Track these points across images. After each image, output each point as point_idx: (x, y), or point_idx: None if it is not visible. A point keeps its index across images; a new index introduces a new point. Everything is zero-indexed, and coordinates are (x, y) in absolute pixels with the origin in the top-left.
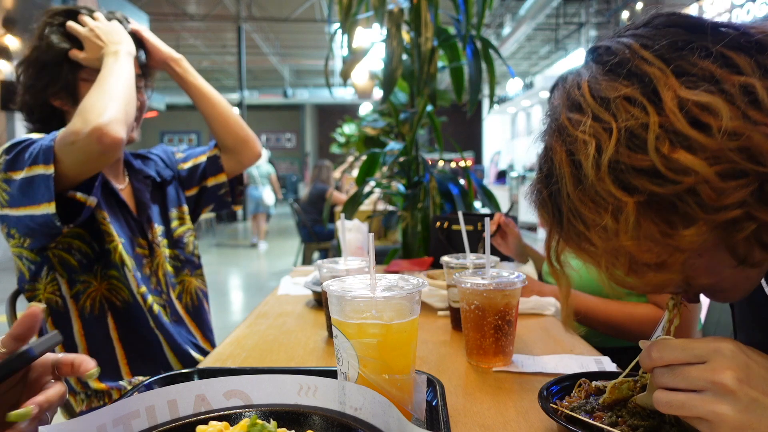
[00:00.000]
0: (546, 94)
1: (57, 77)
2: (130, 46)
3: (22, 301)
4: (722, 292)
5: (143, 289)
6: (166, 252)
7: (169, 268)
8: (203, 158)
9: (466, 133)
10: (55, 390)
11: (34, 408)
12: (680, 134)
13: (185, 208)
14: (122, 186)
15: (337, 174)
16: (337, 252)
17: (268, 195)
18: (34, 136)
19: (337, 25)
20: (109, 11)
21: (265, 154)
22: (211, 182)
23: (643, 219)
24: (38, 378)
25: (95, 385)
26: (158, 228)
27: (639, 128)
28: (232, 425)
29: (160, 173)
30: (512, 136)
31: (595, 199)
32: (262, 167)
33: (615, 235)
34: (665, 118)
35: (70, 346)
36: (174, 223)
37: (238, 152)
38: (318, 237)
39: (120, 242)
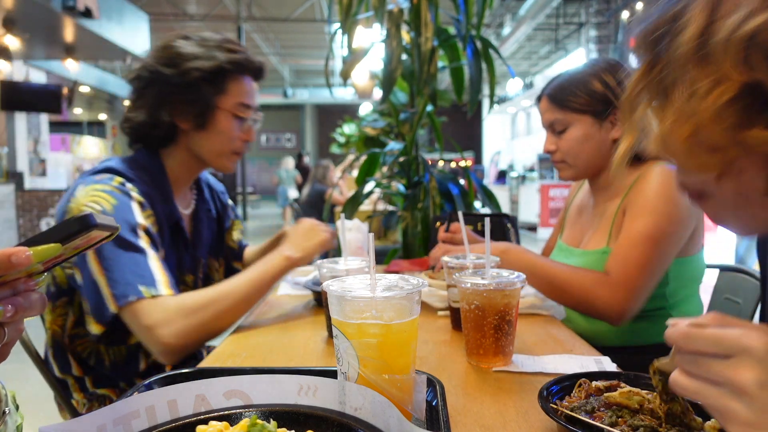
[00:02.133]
0: None
1: (193, 98)
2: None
3: None
4: (734, 218)
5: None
6: None
7: None
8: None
9: (466, 133)
10: (36, 295)
11: (8, 308)
12: None
13: (222, 260)
14: (187, 211)
15: (337, 172)
16: (337, 252)
17: (293, 193)
18: (118, 190)
19: (337, 25)
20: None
21: (291, 160)
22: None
23: (734, 101)
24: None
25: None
26: (214, 262)
27: None
28: (232, 425)
29: (220, 215)
30: (512, 136)
31: (708, 59)
32: (290, 171)
33: (699, 100)
34: None
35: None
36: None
37: None
38: None
39: None
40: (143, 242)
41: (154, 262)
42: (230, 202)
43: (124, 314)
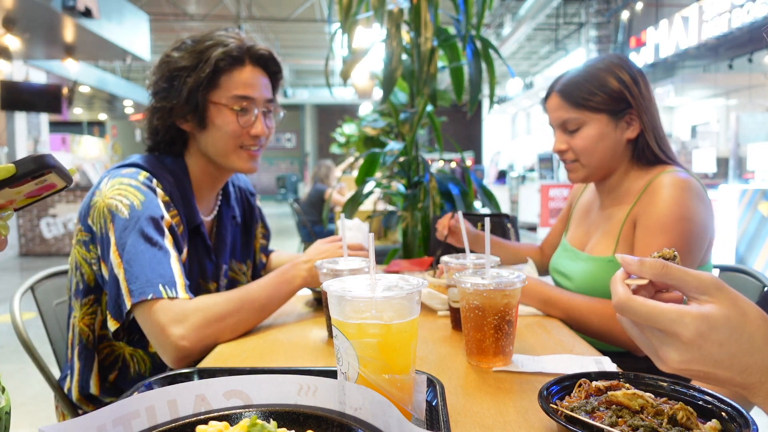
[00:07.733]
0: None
1: (186, 99)
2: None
3: (27, 299)
4: None
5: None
6: None
7: None
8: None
9: (466, 133)
10: None
11: None
12: None
13: (250, 263)
14: (209, 218)
15: (338, 172)
16: None
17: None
18: (143, 185)
19: (337, 25)
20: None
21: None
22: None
23: None
24: None
25: None
26: (241, 266)
27: None
28: (232, 425)
29: (247, 219)
30: (512, 136)
31: None
32: None
33: None
34: None
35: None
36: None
37: None
38: (318, 237)
39: None
40: (167, 241)
41: (175, 263)
42: (258, 204)
43: (137, 310)
